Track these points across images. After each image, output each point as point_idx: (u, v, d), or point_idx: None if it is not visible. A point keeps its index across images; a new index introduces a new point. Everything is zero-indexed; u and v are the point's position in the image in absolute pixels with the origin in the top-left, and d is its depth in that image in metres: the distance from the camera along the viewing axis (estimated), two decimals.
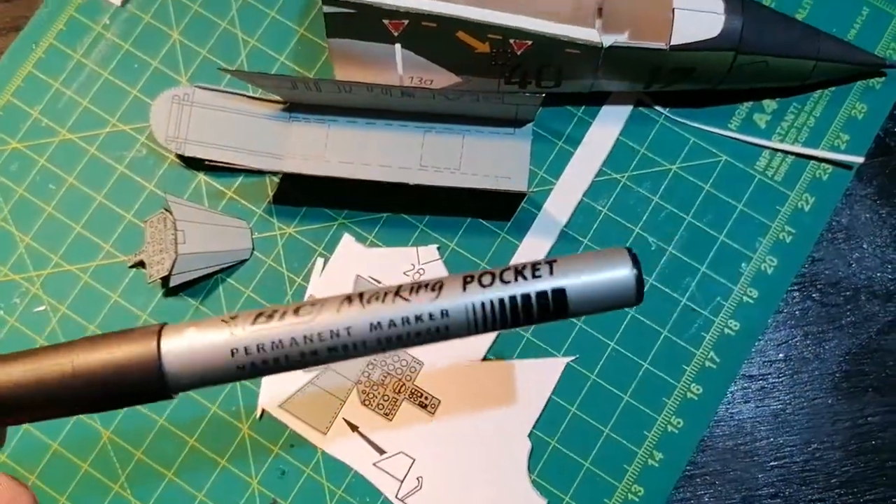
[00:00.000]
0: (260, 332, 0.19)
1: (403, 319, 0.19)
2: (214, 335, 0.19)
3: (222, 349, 0.19)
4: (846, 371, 0.35)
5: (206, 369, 0.19)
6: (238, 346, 0.19)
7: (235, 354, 0.19)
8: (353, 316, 0.19)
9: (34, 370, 0.18)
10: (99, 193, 0.37)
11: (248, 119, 0.36)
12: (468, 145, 0.36)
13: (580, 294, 0.19)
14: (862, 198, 0.36)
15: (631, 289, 0.19)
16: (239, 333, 0.19)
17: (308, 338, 0.19)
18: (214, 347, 0.19)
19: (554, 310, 0.19)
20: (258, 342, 0.19)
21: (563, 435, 0.34)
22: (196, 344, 0.19)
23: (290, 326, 0.19)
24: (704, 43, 0.33)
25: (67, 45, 0.38)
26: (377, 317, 0.19)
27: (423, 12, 0.32)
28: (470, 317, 0.19)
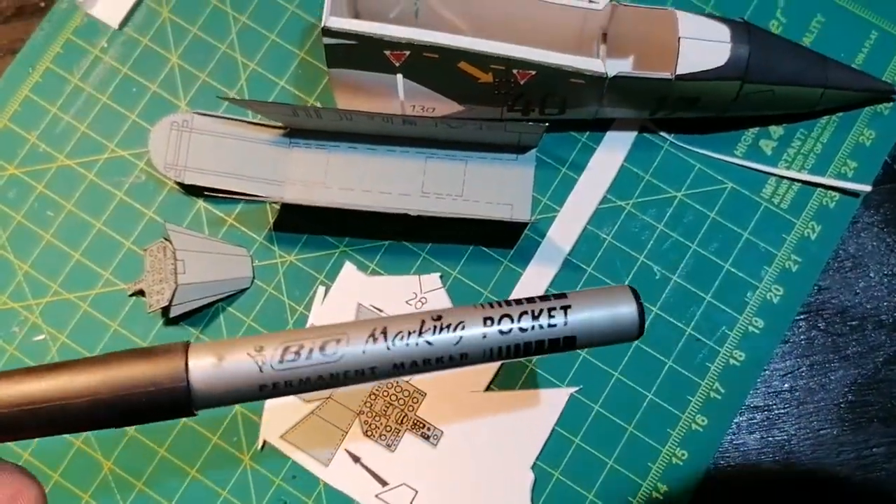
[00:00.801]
0: (287, 370, 0.19)
1: (425, 361, 0.20)
2: (243, 370, 0.19)
3: (251, 383, 0.19)
4: (851, 402, 0.35)
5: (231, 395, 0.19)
6: (266, 382, 0.19)
7: (263, 389, 0.19)
8: (378, 356, 0.20)
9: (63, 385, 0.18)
10: (98, 220, 0.37)
11: (247, 145, 0.36)
12: (470, 172, 0.36)
13: (586, 333, 0.21)
14: (869, 225, 0.36)
15: (634, 325, 0.21)
16: (268, 372, 0.19)
17: (334, 375, 0.20)
18: (243, 380, 0.19)
19: (563, 346, 0.21)
20: (285, 379, 0.19)
21: (566, 466, 0.34)
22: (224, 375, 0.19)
23: (318, 366, 0.20)
24: (710, 72, 0.32)
25: (65, 68, 0.38)
26: (401, 358, 0.20)
27: (424, 43, 0.31)
28: (486, 355, 0.21)
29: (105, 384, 0.18)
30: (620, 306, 0.21)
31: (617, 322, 0.21)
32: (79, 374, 0.18)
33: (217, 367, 0.19)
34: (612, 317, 0.21)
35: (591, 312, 0.21)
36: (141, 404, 0.19)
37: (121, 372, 0.18)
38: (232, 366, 0.19)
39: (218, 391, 0.19)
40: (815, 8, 0.37)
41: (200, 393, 0.19)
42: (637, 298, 0.21)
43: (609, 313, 0.21)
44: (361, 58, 0.32)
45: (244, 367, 0.19)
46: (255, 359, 0.19)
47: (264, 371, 0.19)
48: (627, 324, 0.21)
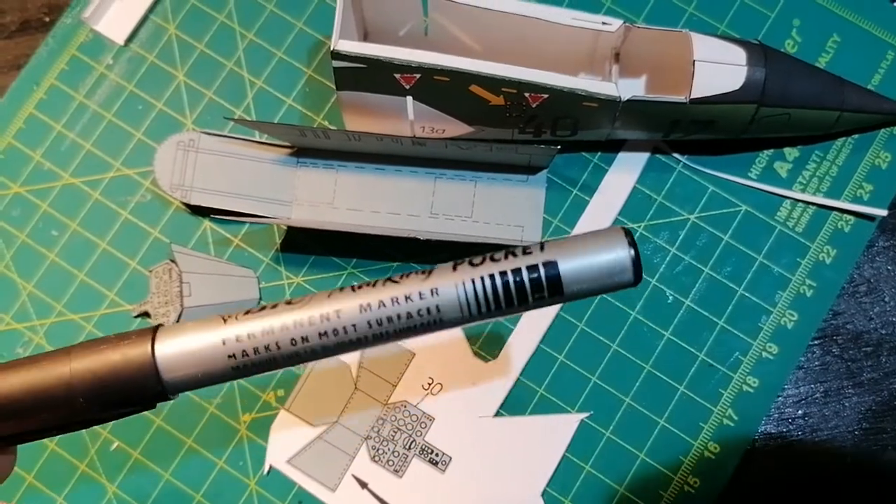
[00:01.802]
0: (251, 320, 0.19)
1: (393, 299, 0.18)
2: (207, 329, 0.19)
3: (215, 341, 0.18)
4: (866, 429, 0.34)
5: (200, 363, 0.18)
6: (229, 335, 0.18)
7: (227, 343, 0.18)
8: (342, 299, 0.19)
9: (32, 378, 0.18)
10: (103, 240, 0.36)
11: (254, 164, 0.35)
12: (480, 192, 0.35)
13: (573, 271, 0.18)
14: (884, 249, 0.35)
15: (627, 268, 0.18)
16: (231, 323, 0.19)
17: (298, 323, 0.18)
18: (208, 341, 0.19)
19: (548, 289, 0.18)
20: (249, 331, 0.18)
21: (577, 493, 0.34)
22: (189, 338, 0.19)
23: (281, 314, 0.18)
24: (726, 96, 0.32)
25: (70, 85, 0.37)
26: (367, 299, 0.19)
27: (435, 67, 0.31)
28: (461, 297, 0.19)
29: (77, 372, 0.18)
30: (611, 246, 0.18)
31: (608, 262, 0.18)
32: (49, 365, 0.18)
33: (182, 334, 0.18)
34: (602, 257, 0.18)
35: (574, 249, 0.18)
36: (110, 390, 0.18)
37: (92, 360, 0.18)
38: (196, 330, 0.19)
39: (185, 358, 0.18)
40: (832, 28, 0.36)
41: (167, 363, 0.18)
42: (631, 238, 0.18)
43: (597, 253, 0.18)
44: (371, 80, 0.31)
45: (209, 330, 0.19)
46: (221, 321, 0.19)
47: (227, 324, 0.18)
48: (619, 265, 0.18)
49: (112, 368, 0.18)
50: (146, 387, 0.18)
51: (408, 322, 0.19)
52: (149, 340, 0.18)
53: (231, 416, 0.35)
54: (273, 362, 0.19)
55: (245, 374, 0.19)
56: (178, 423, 0.35)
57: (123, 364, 0.18)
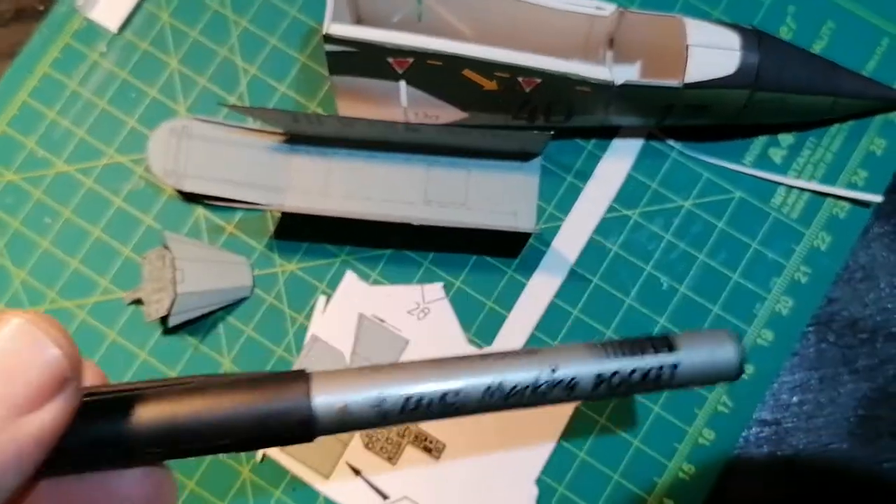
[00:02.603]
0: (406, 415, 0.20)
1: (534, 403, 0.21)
2: (364, 413, 0.19)
3: (371, 422, 0.20)
4: (861, 416, 0.34)
5: (352, 418, 0.19)
6: (383, 420, 0.20)
7: (381, 404, 0.19)
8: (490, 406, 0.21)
9: (208, 405, 0.18)
10: (96, 227, 0.36)
11: (247, 151, 0.35)
12: (474, 179, 0.35)
13: (689, 374, 0.21)
14: (879, 236, 0.35)
15: (733, 372, 0.22)
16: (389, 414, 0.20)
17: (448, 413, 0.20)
18: (364, 420, 0.19)
19: (663, 385, 0.21)
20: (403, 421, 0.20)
21: (571, 481, 0.34)
22: (346, 391, 0.19)
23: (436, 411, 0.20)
24: (720, 80, 0.31)
25: (63, 72, 0.37)
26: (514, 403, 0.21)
27: (428, 51, 0.30)
28: (593, 396, 0.21)
29: (244, 406, 0.18)
30: (722, 348, 0.22)
31: (719, 368, 0.22)
32: (222, 396, 0.19)
33: (342, 412, 0.19)
34: (714, 360, 0.21)
35: (694, 354, 0.21)
36: (271, 429, 0.19)
37: (257, 397, 0.19)
38: (356, 410, 0.19)
39: (338, 426, 0.19)
40: (826, 14, 0.36)
41: (323, 425, 0.19)
42: (738, 342, 0.22)
43: (711, 357, 0.21)
44: (364, 65, 0.31)
45: (366, 413, 0.19)
46: (376, 410, 0.19)
47: (386, 417, 0.20)
48: (727, 365, 0.22)
49: (269, 413, 0.19)
50: (296, 434, 0.19)
51: (541, 397, 0.21)
52: (306, 391, 0.19)
53: None
54: (420, 417, 0.20)
55: (388, 425, 0.20)
56: None
57: (280, 411, 0.19)
